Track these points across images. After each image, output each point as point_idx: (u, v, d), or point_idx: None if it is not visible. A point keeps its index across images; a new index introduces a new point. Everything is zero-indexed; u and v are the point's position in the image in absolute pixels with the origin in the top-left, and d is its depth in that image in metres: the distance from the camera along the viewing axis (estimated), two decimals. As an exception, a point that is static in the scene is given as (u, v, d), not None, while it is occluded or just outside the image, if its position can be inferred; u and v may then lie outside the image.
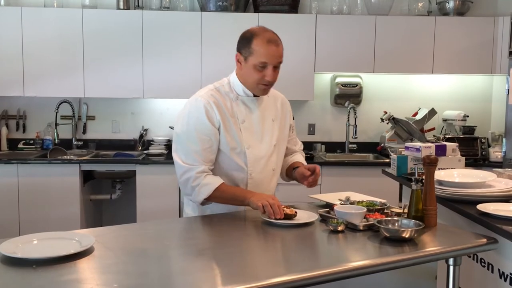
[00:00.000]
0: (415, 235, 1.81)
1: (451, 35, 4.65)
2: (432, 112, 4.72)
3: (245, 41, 2.17)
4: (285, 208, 2.03)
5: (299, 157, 2.52)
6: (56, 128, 4.70)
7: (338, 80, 4.86)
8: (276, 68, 2.19)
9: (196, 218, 2.21)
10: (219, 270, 1.58)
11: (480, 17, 4.69)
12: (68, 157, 4.49)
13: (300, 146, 2.61)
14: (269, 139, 2.29)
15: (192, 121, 2.18)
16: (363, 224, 1.92)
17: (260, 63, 2.13)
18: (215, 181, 2.14)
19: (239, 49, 2.19)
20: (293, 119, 2.50)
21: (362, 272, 1.62)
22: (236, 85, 2.25)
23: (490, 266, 2.15)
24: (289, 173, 2.44)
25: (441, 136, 4.66)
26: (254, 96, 2.26)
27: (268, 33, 2.18)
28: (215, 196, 2.13)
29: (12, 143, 4.82)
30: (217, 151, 2.20)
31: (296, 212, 2.05)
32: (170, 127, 4.82)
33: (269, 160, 2.29)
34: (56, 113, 4.68)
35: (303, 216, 2.08)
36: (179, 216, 4.30)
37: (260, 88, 2.21)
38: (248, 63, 2.16)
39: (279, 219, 1.99)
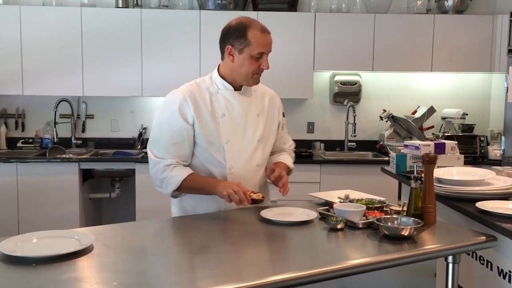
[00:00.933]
0: (414, 233, 1.81)
1: (450, 33, 4.65)
2: (431, 110, 4.72)
3: (239, 32, 2.14)
4: (251, 194, 2.02)
5: (284, 157, 2.43)
6: (55, 126, 4.70)
7: (337, 78, 4.86)
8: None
9: (195, 216, 2.21)
10: (218, 268, 1.58)
11: (479, 15, 4.69)
12: (67, 156, 4.49)
13: (290, 145, 2.54)
14: (252, 134, 2.26)
15: (165, 114, 2.20)
16: (362, 222, 1.92)
17: (257, 53, 2.13)
18: (183, 172, 2.13)
19: (230, 42, 2.16)
20: (284, 116, 2.44)
21: (361, 270, 1.62)
22: (216, 79, 2.25)
23: (489, 263, 2.15)
24: None
25: (440, 134, 4.66)
26: (235, 90, 2.25)
27: (259, 23, 2.18)
28: (184, 187, 2.14)
29: (11, 142, 4.82)
30: (195, 146, 2.20)
31: (263, 197, 2.05)
32: (169, 126, 4.82)
33: (252, 156, 2.25)
34: (55, 111, 4.68)
35: (302, 214, 2.08)
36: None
37: (255, 78, 2.20)
38: (243, 54, 2.14)
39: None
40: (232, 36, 2.15)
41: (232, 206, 2.12)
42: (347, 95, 4.87)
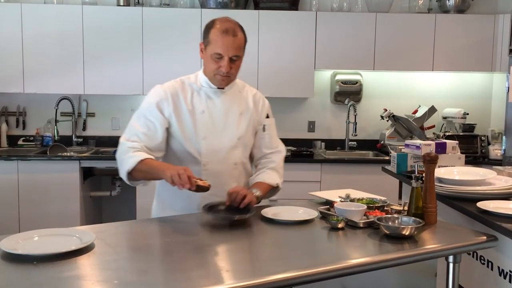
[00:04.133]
0: (415, 232, 1.81)
1: (451, 32, 4.64)
2: (432, 110, 4.72)
3: (206, 30, 2.16)
4: (197, 180, 1.95)
5: (263, 176, 2.27)
6: (56, 124, 4.70)
7: (338, 77, 4.86)
8: (234, 60, 2.14)
9: (196, 215, 2.21)
10: (219, 266, 1.58)
11: (480, 15, 4.69)
12: (68, 154, 4.49)
13: (276, 151, 2.37)
14: (233, 132, 2.24)
15: (144, 106, 2.23)
16: (363, 221, 1.93)
17: (215, 54, 2.11)
18: (142, 156, 2.09)
19: (202, 38, 2.19)
20: (268, 117, 2.37)
21: (362, 269, 1.63)
22: (201, 77, 2.26)
23: (490, 263, 2.15)
24: None
25: (441, 134, 4.65)
26: (218, 88, 2.24)
27: (227, 24, 2.12)
28: (138, 170, 2.09)
29: (12, 140, 4.82)
30: (172, 140, 2.22)
31: (209, 185, 1.97)
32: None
33: (230, 153, 2.23)
34: (56, 109, 4.67)
35: (303, 213, 2.08)
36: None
37: (217, 79, 2.18)
38: (206, 52, 2.16)
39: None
40: (203, 32, 2.18)
41: (206, 201, 2.07)
42: (348, 94, 4.87)
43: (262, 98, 2.39)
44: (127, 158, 2.11)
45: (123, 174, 2.15)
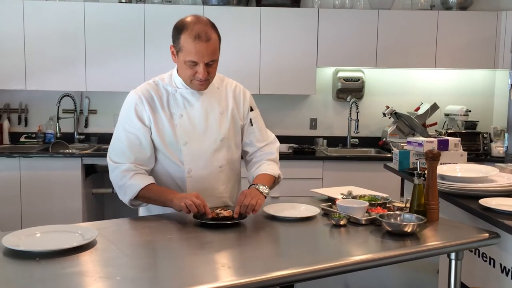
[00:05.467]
0: (417, 229, 1.81)
1: (454, 29, 4.63)
2: (434, 107, 4.71)
3: (176, 33, 2.02)
4: (221, 211, 1.93)
5: (265, 167, 2.20)
6: (58, 121, 4.71)
7: (340, 74, 4.86)
8: (210, 64, 2.01)
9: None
10: (221, 263, 1.58)
11: (483, 12, 4.67)
12: (70, 151, 4.49)
13: (268, 143, 2.29)
14: (215, 134, 2.13)
15: (122, 117, 2.12)
16: (365, 218, 1.93)
17: (189, 61, 1.99)
18: (142, 181, 2.02)
19: (173, 41, 2.04)
20: (251, 110, 2.25)
21: (364, 266, 1.63)
22: (175, 77, 2.13)
23: (492, 260, 2.15)
24: None
25: (443, 131, 4.65)
26: None
27: (197, 26, 1.96)
28: (142, 197, 2.03)
29: (14, 137, 4.83)
30: (154, 149, 2.10)
31: (234, 215, 1.93)
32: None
33: (214, 156, 2.13)
34: (58, 106, 4.68)
35: (305, 210, 2.08)
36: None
37: (195, 84, 2.05)
38: (179, 58, 2.03)
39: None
40: (173, 35, 2.04)
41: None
42: (350, 91, 4.86)
43: (242, 91, 2.25)
44: (127, 186, 2.03)
45: (125, 201, 2.09)
